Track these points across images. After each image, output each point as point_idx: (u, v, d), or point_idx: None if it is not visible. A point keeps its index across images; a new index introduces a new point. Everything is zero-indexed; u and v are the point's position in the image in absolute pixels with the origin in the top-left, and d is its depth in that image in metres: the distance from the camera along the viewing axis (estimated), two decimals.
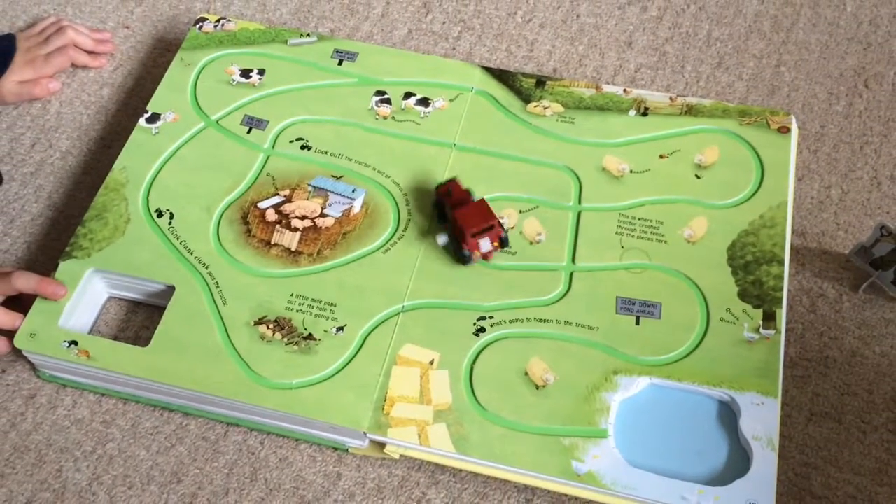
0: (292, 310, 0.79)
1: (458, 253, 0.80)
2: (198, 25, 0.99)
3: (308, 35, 0.98)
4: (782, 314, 0.77)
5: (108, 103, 1.00)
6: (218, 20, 0.99)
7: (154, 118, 0.92)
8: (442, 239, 0.82)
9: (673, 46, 1.04)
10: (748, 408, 0.73)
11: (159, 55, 1.04)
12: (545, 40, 1.05)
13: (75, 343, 0.77)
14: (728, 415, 0.74)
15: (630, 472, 0.70)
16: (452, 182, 0.83)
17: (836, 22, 1.06)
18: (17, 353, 0.80)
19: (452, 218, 0.80)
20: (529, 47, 1.04)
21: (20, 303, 0.81)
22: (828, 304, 0.84)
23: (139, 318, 0.84)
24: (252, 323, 0.78)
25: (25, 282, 0.79)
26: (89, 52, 1.02)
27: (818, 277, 0.86)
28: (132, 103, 0.99)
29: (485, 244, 0.79)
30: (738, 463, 0.71)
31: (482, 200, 0.81)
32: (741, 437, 0.72)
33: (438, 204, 0.84)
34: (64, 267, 0.82)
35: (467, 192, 0.82)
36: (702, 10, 1.07)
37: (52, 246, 0.89)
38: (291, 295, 0.80)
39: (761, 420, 0.72)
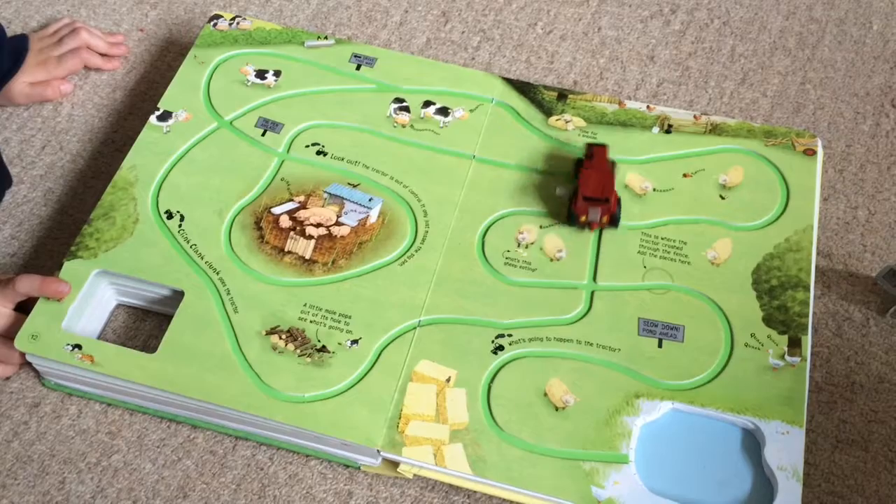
0: (306, 320, 0.77)
1: (568, 210, 0.82)
2: (212, 23, 0.96)
3: (325, 38, 0.96)
4: (808, 341, 0.75)
5: (120, 106, 0.98)
6: (233, 18, 0.97)
7: (165, 116, 0.89)
8: (561, 189, 0.84)
9: (696, 61, 1.02)
10: (773, 437, 0.71)
11: (173, 59, 1.02)
12: (566, 52, 1.03)
13: (79, 347, 0.75)
14: (752, 443, 0.72)
15: (651, 500, 0.68)
16: (602, 147, 0.84)
17: (861, 40, 1.04)
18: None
19: (579, 175, 0.82)
20: (549, 59, 1.02)
21: (25, 311, 0.78)
22: (854, 328, 0.82)
23: (148, 327, 0.82)
24: (264, 332, 0.76)
25: (29, 284, 0.77)
26: (102, 55, 1.00)
27: (844, 300, 0.84)
28: (145, 107, 0.98)
29: (594, 213, 0.80)
30: (762, 494, 0.69)
31: (611, 172, 0.82)
32: (765, 467, 0.70)
33: (578, 162, 0.85)
34: (68, 267, 0.79)
35: (609, 163, 0.83)
36: (725, 26, 1.06)
37: (61, 250, 0.87)
38: (305, 305, 0.78)
39: (786, 450, 0.70)
